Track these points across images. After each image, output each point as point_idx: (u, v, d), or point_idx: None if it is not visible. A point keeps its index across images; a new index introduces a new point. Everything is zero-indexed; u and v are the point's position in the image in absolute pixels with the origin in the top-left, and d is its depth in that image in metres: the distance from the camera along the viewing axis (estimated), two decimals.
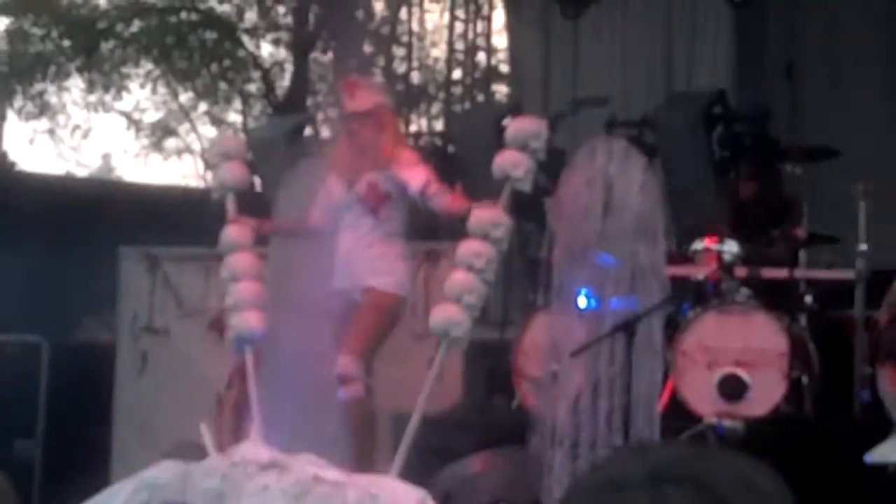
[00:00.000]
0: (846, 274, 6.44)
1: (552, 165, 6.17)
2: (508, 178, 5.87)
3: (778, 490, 1.44)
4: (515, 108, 9.13)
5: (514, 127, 6.05)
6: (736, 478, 1.42)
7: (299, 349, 6.15)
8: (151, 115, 20.30)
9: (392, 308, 5.96)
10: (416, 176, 5.97)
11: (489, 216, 5.83)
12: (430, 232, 7.55)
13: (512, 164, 5.87)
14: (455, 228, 6.29)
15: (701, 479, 1.40)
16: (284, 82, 18.56)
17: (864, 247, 6.25)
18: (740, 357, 6.03)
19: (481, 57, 14.10)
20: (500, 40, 13.75)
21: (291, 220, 6.48)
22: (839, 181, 6.53)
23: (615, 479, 1.43)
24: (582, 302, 5.68)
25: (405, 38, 16.05)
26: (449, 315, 5.75)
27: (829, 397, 6.19)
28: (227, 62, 18.58)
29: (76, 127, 19.40)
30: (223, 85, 18.92)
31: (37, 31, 17.59)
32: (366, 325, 5.90)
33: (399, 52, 16.59)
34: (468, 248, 5.83)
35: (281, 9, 18.53)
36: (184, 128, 20.59)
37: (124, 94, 18.97)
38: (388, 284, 5.95)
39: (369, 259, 5.98)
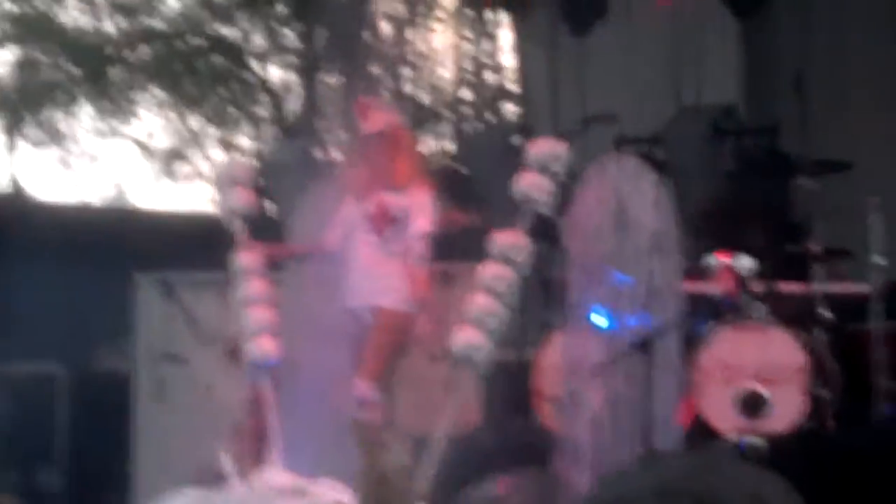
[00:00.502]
0: (862, 288, 6.43)
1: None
2: (529, 200, 5.87)
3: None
4: (525, 127, 9.15)
5: (535, 149, 6.02)
6: (744, 492, 1.43)
7: (318, 373, 6.15)
8: (162, 141, 20.36)
9: (402, 325, 5.95)
10: (420, 225, 5.97)
11: (510, 240, 5.83)
12: (443, 253, 7.54)
13: (533, 187, 5.87)
14: (470, 250, 6.29)
15: (708, 493, 1.42)
16: (294, 105, 18.60)
17: (879, 260, 6.24)
18: (759, 373, 6.02)
19: (489, 76, 14.10)
20: (508, 59, 13.76)
21: (305, 246, 6.48)
22: (851, 194, 6.53)
23: (623, 496, 1.45)
24: (599, 320, 5.68)
25: (412, 59, 16.06)
26: (469, 339, 5.74)
27: (850, 412, 6.17)
28: (235, 86, 18.63)
29: (87, 154, 19.47)
30: (232, 109, 18.96)
31: (45, 59, 17.65)
32: (378, 346, 5.90)
33: (407, 72, 16.61)
34: (489, 272, 5.83)
35: (288, 32, 18.58)
36: (195, 153, 20.62)
37: (134, 120, 19.04)
38: (396, 302, 5.95)
39: (376, 278, 5.99)
